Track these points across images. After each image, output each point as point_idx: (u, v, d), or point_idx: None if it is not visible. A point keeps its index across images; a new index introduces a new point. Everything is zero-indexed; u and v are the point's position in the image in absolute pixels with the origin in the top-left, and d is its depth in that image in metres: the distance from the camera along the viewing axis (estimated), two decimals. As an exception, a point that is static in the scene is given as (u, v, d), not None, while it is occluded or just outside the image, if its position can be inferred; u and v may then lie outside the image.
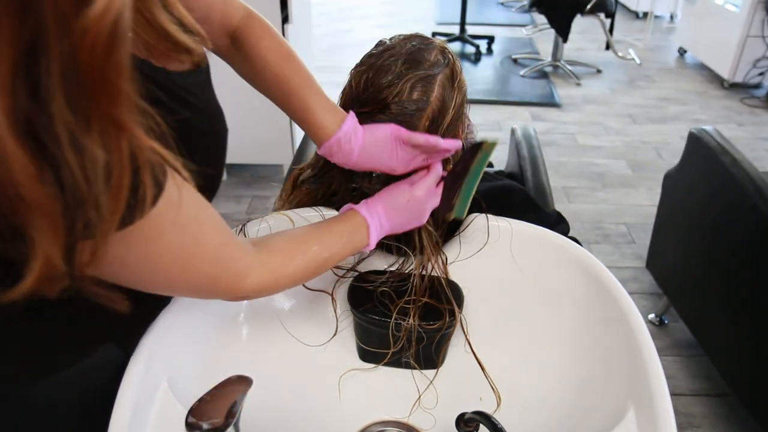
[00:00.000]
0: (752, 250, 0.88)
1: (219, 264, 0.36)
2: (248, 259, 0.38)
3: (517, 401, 0.51)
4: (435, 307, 0.52)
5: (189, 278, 0.34)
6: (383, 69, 0.49)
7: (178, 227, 0.31)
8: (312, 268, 0.43)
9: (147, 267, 0.32)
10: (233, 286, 0.37)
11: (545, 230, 0.54)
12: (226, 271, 0.36)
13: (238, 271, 0.37)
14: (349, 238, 0.45)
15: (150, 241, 0.30)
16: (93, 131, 0.22)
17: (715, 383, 1.10)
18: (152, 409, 0.41)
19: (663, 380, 0.41)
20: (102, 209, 0.24)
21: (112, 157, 0.23)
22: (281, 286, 0.42)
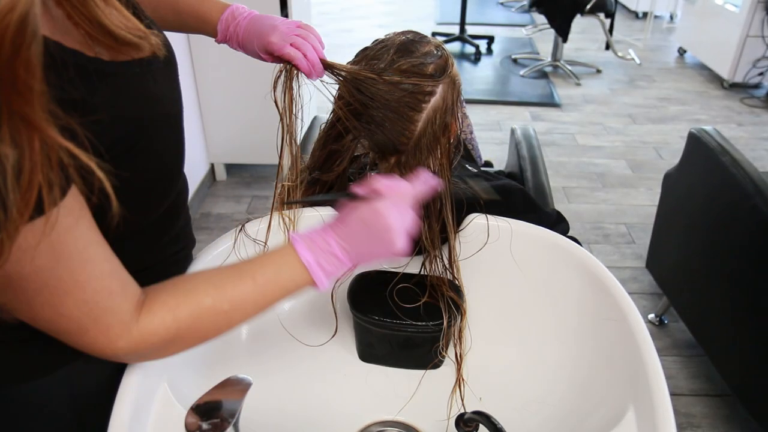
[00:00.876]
0: (752, 250, 0.88)
1: (90, 313, 0.31)
2: (125, 317, 0.32)
3: (516, 401, 0.51)
4: (435, 306, 0.52)
5: (53, 317, 0.30)
6: (375, 57, 0.49)
7: (58, 254, 0.28)
8: (207, 327, 0.35)
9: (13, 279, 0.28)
10: (101, 343, 0.32)
11: (545, 230, 0.54)
12: (96, 324, 0.31)
13: (109, 327, 0.32)
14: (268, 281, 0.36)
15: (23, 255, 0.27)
16: (3, 128, 0.22)
17: (715, 383, 1.10)
18: (152, 410, 0.41)
19: (663, 380, 0.41)
20: (10, 208, 0.23)
21: (23, 156, 0.23)
22: (163, 351, 0.35)
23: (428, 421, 0.51)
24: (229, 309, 0.35)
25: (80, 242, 0.30)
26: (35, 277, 0.29)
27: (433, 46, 0.51)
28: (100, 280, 0.31)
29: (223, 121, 1.61)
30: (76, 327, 0.32)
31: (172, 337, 0.34)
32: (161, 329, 0.34)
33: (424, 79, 0.48)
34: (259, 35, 0.48)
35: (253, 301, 0.36)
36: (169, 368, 0.44)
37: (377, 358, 0.55)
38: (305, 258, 0.37)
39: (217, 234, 0.54)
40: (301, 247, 0.37)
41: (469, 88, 2.45)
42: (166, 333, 0.34)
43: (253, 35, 0.49)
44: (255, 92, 0.49)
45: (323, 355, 0.54)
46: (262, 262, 0.37)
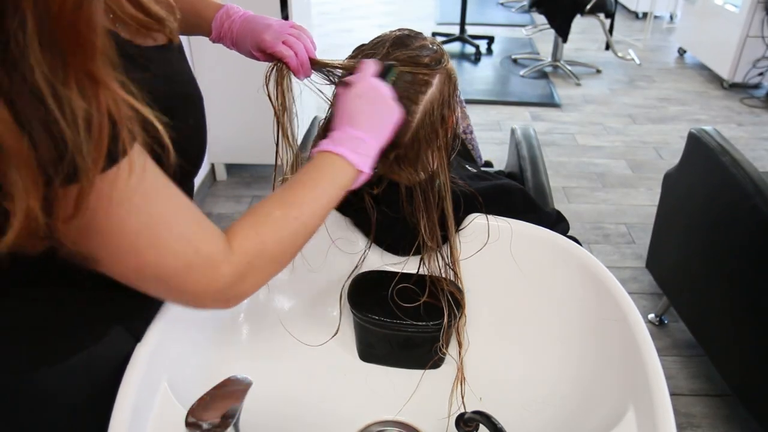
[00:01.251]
0: (752, 250, 0.88)
1: (190, 244, 0.33)
2: (220, 242, 0.34)
3: (516, 401, 0.51)
4: (435, 306, 0.52)
5: (159, 258, 0.32)
6: (370, 53, 0.49)
7: (146, 195, 0.30)
8: (291, 235, 0.37)
9: (114, 231, 0.30)
10: (208, 276, 0.34)
11: (545, 230, 0.54)
12: (198, 255, 0.33)
13: (210, 256, 0.33)
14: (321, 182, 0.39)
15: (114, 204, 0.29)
16: (71, 83, 0.24)
17: (715, 383, 1.10)
18: (152, 410, 0.41)
19: (663, 380, 0.41)
20: (85, 156, 0.25)
21: (91, 108, 0.25)
22: (263, 268, 0.37)
23: (428, 421, 0.51)
24: (298, 214, 0.38)
25: (159, 182, 0.32)
26: (133, 221, 0.30)
27: (428, 41, 0.51)
28: (189, 212, 0.33)
29: (224, 121, 1.61)
30: (182, 263, 0.33)
31: (261, 252, 0.36)
32: (251, 247, 0.36)
33: (419, 68, 0.48)
34: (253, 33, 0.49)
35: (314, 202, 0.39)
36: (169, 367, 0.44)
37: (377, 357, 0.55)
38: (339, 151, 0.40)
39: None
40: (327, 145, 0.40)
41: (469, 89, 2.45)
42: (256, 249, 0.36)
43: (247, 33, 0.49)
44: (255, 92, 0.49)
45: (323, 354, 0.54)
46: (305, 171, 0.40)
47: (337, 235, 0.55)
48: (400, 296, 0.52)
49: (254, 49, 0.50)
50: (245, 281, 0.36)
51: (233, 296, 0.37)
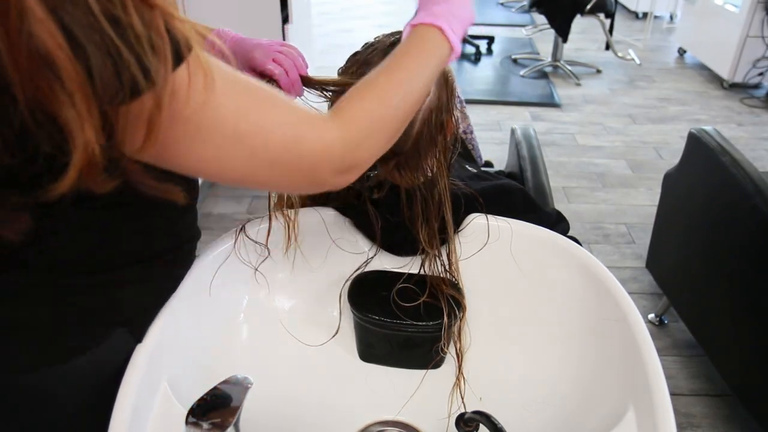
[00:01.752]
0: (752, 250, 0.88)
1: (293, 114, 0.32)
2: (320, 122, 0.34)
3: (517, 401, 0.51)
4: (435, 306, 0.52)
5: (266, 139, 0.31)
6: (367, 62, 0.49)
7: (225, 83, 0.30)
8: (397, 101, 0.37)
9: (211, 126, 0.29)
10: (320, 155, 0.33)
11: (545, 230, 0.54)
12: (303, 124, 0.33)
13: (316, 123, 0.33)
14: (420, 50, 0.39)
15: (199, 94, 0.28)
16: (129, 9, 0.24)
17: (715, 383, 1.10)
18: (152, 410, 0.41)
19: (663, 380, 0.41)
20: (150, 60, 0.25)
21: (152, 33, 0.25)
22: (371, 132, 0.36)
23: (428, 421, 0.51)
24: (403, 78, 0.38)
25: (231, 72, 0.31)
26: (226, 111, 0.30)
27: None
28: (275, 90, 0.33)
29: (223, 121, 1.60)
30: (291, 137, 0.32)
31: (369, 116, 0.36)
32: (358, 111, 0.36)
33: None
34: (243, 53, 0.49)
35: (415, 70, 0.39)
36: (169, 367, 0.44)
37: (377, 357, 0.55)
38: (439, 24, 0.40)
39: (217, 234, 0.54)
40: (428, 18, 0.40)
41: (469, 88, 2.45)
42: (363, 113, 0.36)
43: (237, 54, 0.49)
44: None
45: (323, 355, 0.54)
46: (406, 42, 0.40)
47: (337, 235, 0.56)
48: (400, 296, 0.52)
49: (245, 68, 0.50)
50: (360, 147, 0.36)
51: (351, 164, 0.36)
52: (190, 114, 0.29)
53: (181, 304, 0.46)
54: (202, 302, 0.48)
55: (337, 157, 0.35)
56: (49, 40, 0.23)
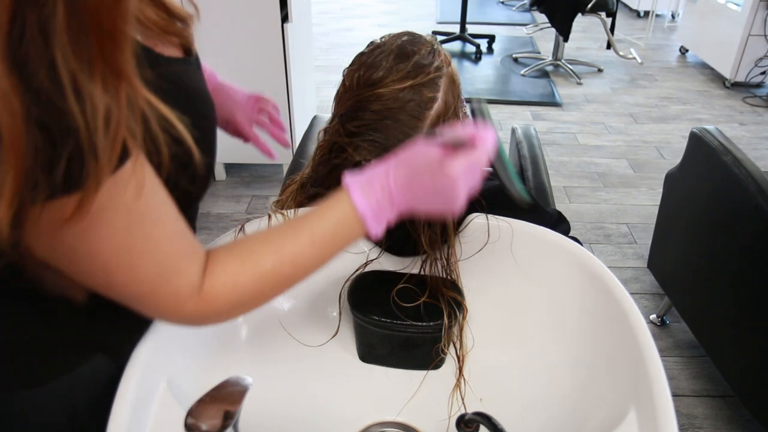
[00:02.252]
0: (755, 250, 0.88)
1: (162, 275, 0.31)
2: (193, 280, 0.32)
3: (517, 402, 0.50)
4: (436, 306, 0.51)
5: (128, 281, 0.30)
6: (374, 65, 0.49)
7: (134, 213, 0.28)
8: (268, 290, 0.35)
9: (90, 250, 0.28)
10: (170, 307, 0.32)
11: (546, 230, 0.54)
12: (167, 285, 0.31)
13: (178, 290, 0.32)
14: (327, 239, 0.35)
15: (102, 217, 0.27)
16: (96, 76, 0.22)
17: (716, 384, 1.10)
18: (151, 411, 0.41)
19: (664, 381, 0.41)
20: (100, 156, 0.23)
21: (112, 103, 0.23)
22: (226, 314, 0.35)
23: (429, 422, 0.51)
24: (290, 271, 0.35)
25: (153, 201, 0.29)
26: (113, 241, 0.28)
27: (429, 45, 0.51)
28: (172, 241, 0.31)
29: (224, 120, 1.61)
30: (149, 290, 0.31)
31: (235, 302, 0.34)
32: (223, 295, 0.33)
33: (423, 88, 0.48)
34: (223, 109, 0.51)
35: (312, 260, 0.35)
36: (168, 368, 0.44)
37: (377, 358, 0.55)
38: (362, 210, 0.35)
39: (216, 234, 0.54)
40: (357, 196, 0.35)
41: (469, 88, 2.45)
42: (228, 298, 0.33)
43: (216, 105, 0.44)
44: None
45: (323, 355, 0.54)
46: (318, 218, 0.36)
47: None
48: (400, 296, 0.52)
49: (224, 123, 0.50)
50: (207, 320, 0.34)
51: (196, 325, 0.35)
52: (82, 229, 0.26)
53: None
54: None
55: (182, 321, 0.34)
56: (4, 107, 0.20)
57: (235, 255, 0.34)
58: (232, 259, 0.34)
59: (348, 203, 0.36)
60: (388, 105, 0.48)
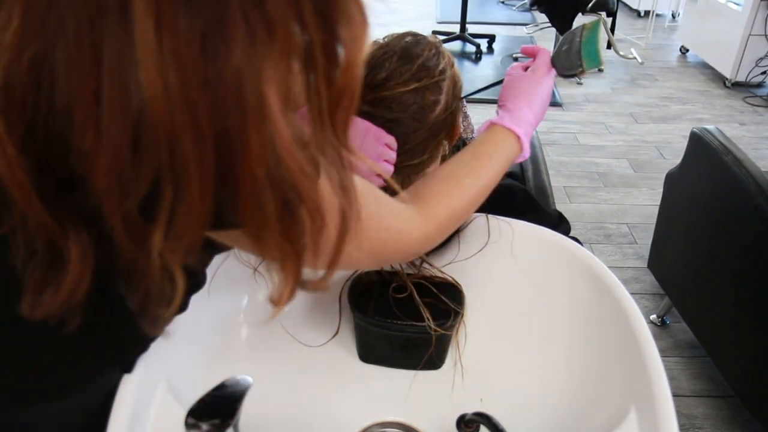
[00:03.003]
0: (755, 250, 0.88)
1: (381, 222, 0.35)
2: (406, 214, 0.38)
3: (517, 402, 0.50)
4: (436, 306, 0.51)
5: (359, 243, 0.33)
6: (377, 66, 0.49)
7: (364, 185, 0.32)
8: (471, 202, 0.43)
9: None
10: (401, 245, 0.37)
11: (546, 230, 0.54)
12: (389, 232, 0.36)
13: (400, 229, 0.37)
14: (499, 156, 0.44)
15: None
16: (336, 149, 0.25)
17: (717, 384, 1.10)
18: (151, 410, 0.41)
19: (665, 381, 0.41)
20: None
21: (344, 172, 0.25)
22: (445, 230, 0.42)
23: (429, 422, 0.51)
24: (484, 183, 0.43)
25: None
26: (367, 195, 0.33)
27: (432, 46, 0.51)
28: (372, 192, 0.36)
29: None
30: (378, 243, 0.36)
31: (450, 217, 0.41)
32: (441, 214, 0.40)
33: (427, 91, 0.49)
34: None
35: (494, 174, 0.44)
36: (168, 368, 0.44)
37: (377, 358, 0.55)
38: (518, 132, 0.45)
39: (217, 234, 0.54)
40: (509, 123, 0.46)
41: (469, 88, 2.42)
42: (445, 215, 0.40)
43: None
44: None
45: (323, 355, 0.54)
46: (490, 142, 0.45)
47: (338, 235, 0.55)
48: (400, 296, 0.52)
49: None
50: (431, 242, 0.40)
51: (419, 254, 0.42)
52: None
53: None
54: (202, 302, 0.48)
55: (409, 254, 0.39)
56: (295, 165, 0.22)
57: (438, 180, 0.42)
58: (438, 183, 0.42)
59: (508, 132, 0.45)
60: (391, 108, 0.48)
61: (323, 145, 0.24)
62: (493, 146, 0.45)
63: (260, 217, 0.22)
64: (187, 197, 0.21)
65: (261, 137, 0.21)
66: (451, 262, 0.54)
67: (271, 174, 0.21)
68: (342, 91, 0.23)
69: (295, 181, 0.22)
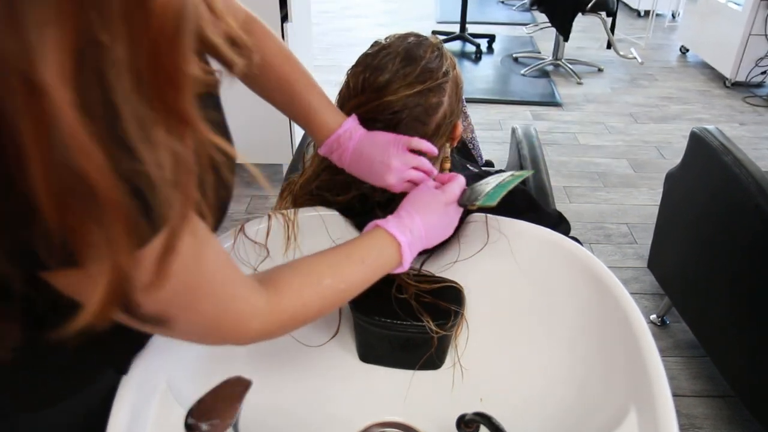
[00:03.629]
0: (755, 250, 0.88)
1: (221, 304, 0.32)
2: (253, 300, 0.34)
3: (517, 402, 0.50)
4: (436, 306, 0.51)
5: (191, 316, 0.31)
6: (380, 68, 0.49)
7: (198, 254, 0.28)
8: (326, 304, 0.38)
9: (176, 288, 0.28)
10: (236, 331, 0.34)
11: (546, 230, 0.54)
12: (227, 313, 0.33)
13: (240, 314, 0.33)
14: (373, 262, 0.40)
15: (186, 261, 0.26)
16: (160, 123, 0.21)
17: (717, 384, 1.10)
18: (151, 410, 0.41)
19: (665, 381, 0.41)
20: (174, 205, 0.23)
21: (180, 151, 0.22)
22: (289, 327, 0.38)
23: (429, 422, 0.51)
24: (345, 288, 0.39)
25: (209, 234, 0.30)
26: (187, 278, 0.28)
27: (434, 47, 0.51)
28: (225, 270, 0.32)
29: (224, 120, 1.60)
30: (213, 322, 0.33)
31: (298, 315, 0.37)
32: (290, 308, 0.36)
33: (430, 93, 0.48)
34: (371, 173, 0.48)
35: (361, 280, 0.40)
36: (169, 368, 0.44)
37: (377, 358, 0.55)
38: (402, 243, 0.42)
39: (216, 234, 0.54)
40: (397, 233, 0.42)
41: (469, 88, 2.44)
42: (294, 311, 0.37)
43: (364, 169, 0.48)
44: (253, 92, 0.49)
45: (323, 355, 0.54)
46: (366, 245, 0.42)
47: (337, 235, 0.55)
48: (400, 297, 0.52)
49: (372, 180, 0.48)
50: (270, 335, 0.37)
51: (254, 342, 0.37)
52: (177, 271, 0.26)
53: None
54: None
55: (245, 341, 0.35)
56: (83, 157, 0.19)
57: (298, 272, 0.38)
58: (296, 276, 0.37)
59: (389, 238, 0.42)
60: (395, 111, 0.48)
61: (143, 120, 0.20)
62: (368, 250, 0.41)
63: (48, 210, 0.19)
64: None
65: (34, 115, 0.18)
66: (451, 263, 0.54)
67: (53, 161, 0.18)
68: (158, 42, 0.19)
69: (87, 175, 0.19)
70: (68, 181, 0.19)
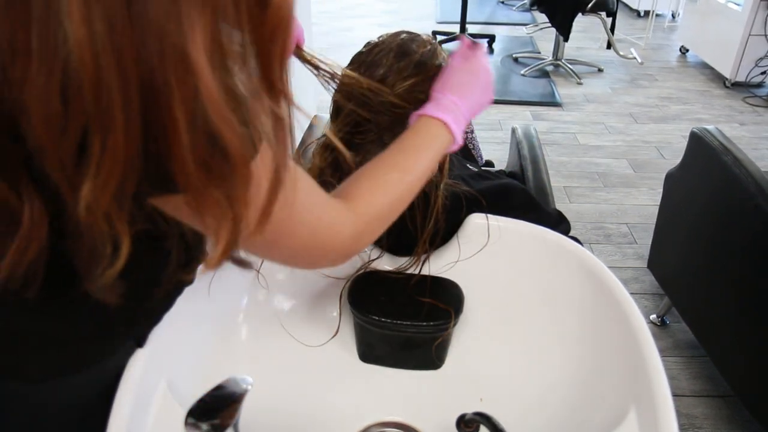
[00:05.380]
0: (755, 250, 0.88)
1: (313, 212, 0.35)
2: (335, 214, 0.37)
3: (517, 402, 0.50)
4: (436, 306, 0.51)
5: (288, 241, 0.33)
6: (374, 63, 0.49)
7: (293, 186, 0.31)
8: (400, 198, 0.41)
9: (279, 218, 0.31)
10: (332, 240, 0.36)
11: (546, 230, 0.54)
12: (321, 222, 0.35)
13: (332, 222, 0.36)
14: (429, 148, 0.42)
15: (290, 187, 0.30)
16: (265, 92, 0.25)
17: (717, 384, 1.10)
18: (151, 410, 0.41)
19: (664, 381, 0.41)
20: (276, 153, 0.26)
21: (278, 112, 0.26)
22: (376, 228, 0.40)
23: (429, 422, 0.51)
24: (411, 179, 0.41)
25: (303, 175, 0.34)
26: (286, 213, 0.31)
27: (427, 42, 0.51)
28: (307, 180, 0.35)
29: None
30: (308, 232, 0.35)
31: (378, 214, 0.39)
32: (370, 210, 0.39)
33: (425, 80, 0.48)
34: None
35: (424, 166, 0.42)
36: (168, 368, 0.44)
37: (377, 358, 0.55)
38: (444, 119, 0.43)
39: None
40: (434, 111, 0.44)
41: (470, 88, 2.44)
42: (374, 212, 0.39)
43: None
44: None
45: (323, 355, 0.54)
46: (416, 134, 0.43)
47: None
48: (400, 296, 0.52)
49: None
50: (362, 240, 0.39)
51: (350, 254, 0.39)
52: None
53: (181, 304, 0.46)
54: (202, 302, 0.48)
55: (340, 252, 0.38)
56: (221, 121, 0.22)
57: (363, 178, 0.41)
58: (362, 181, 0.40)
59: (435, 121, 0.43)
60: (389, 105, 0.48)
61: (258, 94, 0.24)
62: (420, 138, 0.43)
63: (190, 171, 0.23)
64: (112, 144, 0.21)
65: (184, 87, 0.21)
66: (451, 263, 0.54)
67: (196, 126, 0.22)
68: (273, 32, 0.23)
69: (223, 135, 0.22)
70: (208, 145, 0.23)
